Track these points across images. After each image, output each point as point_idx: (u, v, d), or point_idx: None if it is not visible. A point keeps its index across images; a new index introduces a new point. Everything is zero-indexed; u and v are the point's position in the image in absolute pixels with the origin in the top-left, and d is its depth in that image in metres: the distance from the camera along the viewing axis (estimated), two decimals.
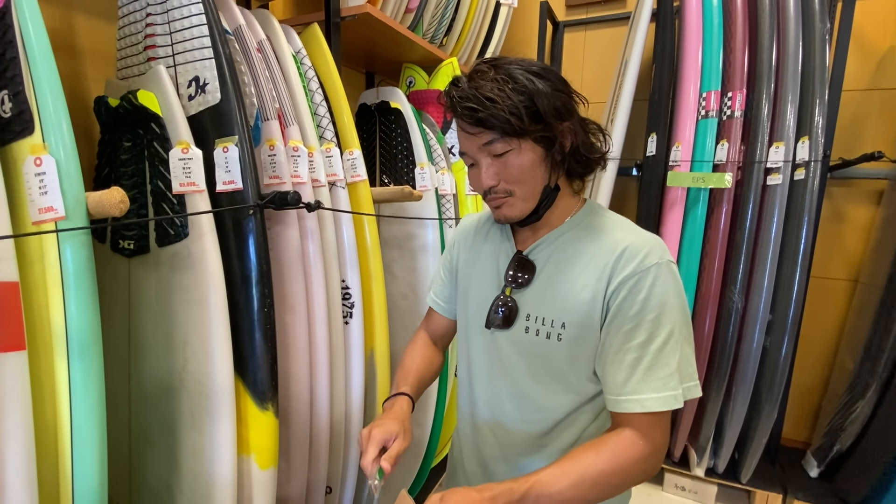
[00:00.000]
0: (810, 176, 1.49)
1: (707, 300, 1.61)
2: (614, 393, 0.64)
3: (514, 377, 0.73)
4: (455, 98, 0.63)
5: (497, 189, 0.67)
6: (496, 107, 0.60)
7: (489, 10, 1.87)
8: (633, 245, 0.64)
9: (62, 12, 0.98)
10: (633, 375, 0.62)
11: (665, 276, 0.63)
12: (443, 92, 0.66)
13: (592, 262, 0.66)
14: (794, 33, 1.49)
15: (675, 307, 0.63)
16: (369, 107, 1.54)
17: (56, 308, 0.61)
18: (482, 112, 0.60)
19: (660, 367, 0.61)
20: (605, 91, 2.09)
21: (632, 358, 0.62)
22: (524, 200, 0.67)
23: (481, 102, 0.60)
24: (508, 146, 0.63)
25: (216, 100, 0.84)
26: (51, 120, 0.60)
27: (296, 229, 0.98)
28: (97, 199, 0.62)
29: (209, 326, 0.82)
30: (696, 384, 0.64)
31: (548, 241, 0.71)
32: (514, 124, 0.60)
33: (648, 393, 0.61)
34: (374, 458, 0.65)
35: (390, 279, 1.51)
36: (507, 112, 0.59)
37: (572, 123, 0.65)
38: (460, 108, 0.62)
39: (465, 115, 0.63)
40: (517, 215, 0.68)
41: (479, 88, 0.61)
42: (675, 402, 0.61)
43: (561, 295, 0.68)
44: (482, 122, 0.61)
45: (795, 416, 1.99)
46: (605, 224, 0.70)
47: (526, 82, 0.60)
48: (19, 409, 0.56)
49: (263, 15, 1.09)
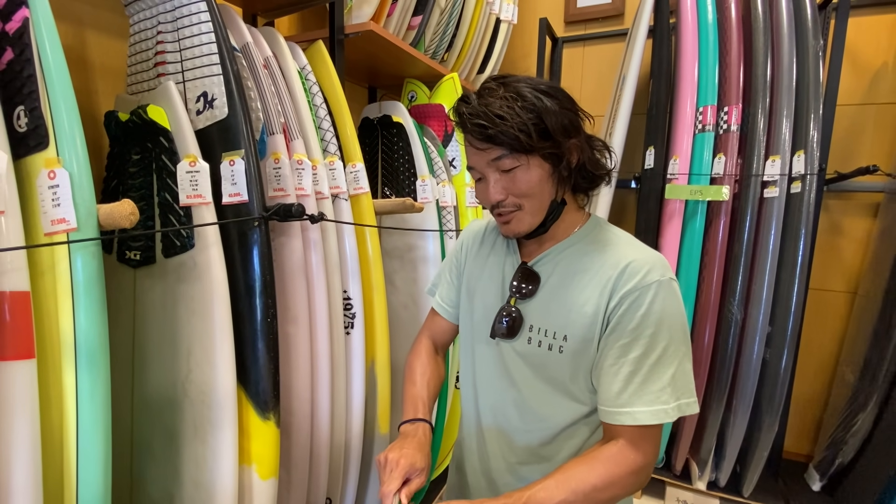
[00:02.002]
0: (806, 189, 1.51)
1: (706, 312, 1.61)
2: (608, 405, 0.65)
3: (518, 386, 0.73)
4: (465, 115, 0.64)
5: (506, 203, 0.68)
6: (505, 124, 0.61)
7: (489, 26, 1.91)
8: (636, 261, 0.65)
9: (75, 29, 1.01)
10: (627, 388, 0.63)
11: (665, 293, 0.64)
12: (452, 108, 0.68)
13: (596, 276, 0.67)
14: (787, 49, 1.53)
15: (673, 324, 0.63)
16: (372, 121, 1.57)
17: (65, 318, 0.62)
18: (492, 129, 0.62)
19: (653, 381, 0.62)
20: (603, 105, 2.13)
21: (627, 371, 0.63)
22: (532, 215, 0.68)
23: (491, 119, 0.61)
24: (517, 162, 0.64)
25: (223, 115, 0.87)
26: (65, 135, 0.62)
27: (299, 240, 1.00)
28: (108, 211, 0.63)
29: (213, 336, 0.83)
30: (694, 401, 0.64)
31: (553, 254, 0.73)
32: (522, 141, 0.61)
33: (640, 406, 0.62)
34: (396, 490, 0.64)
35: (392, 290, 1.52)
36: (516, 129, 0.61)
37: (579, 140, 0.67)
38: (470, 124, 0.64)
39: (474, 132, 0.64)
40: (525, 230, 0.69)
41: (488, 106, 0.62)
42: (666, 417, 0.61)
43: (564, 308, 0.69)
44: (491, 138, 0.63)
45: (797, 429, 1.98)
46: (610, 239, 0.71)
47: (534, 100, 0.62)
48: (27, 417, 0.57)
49: (270, 32, 1.12)
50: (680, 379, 0.63)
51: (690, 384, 0.64)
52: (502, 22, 1.97)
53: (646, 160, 1.71)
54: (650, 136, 1.72)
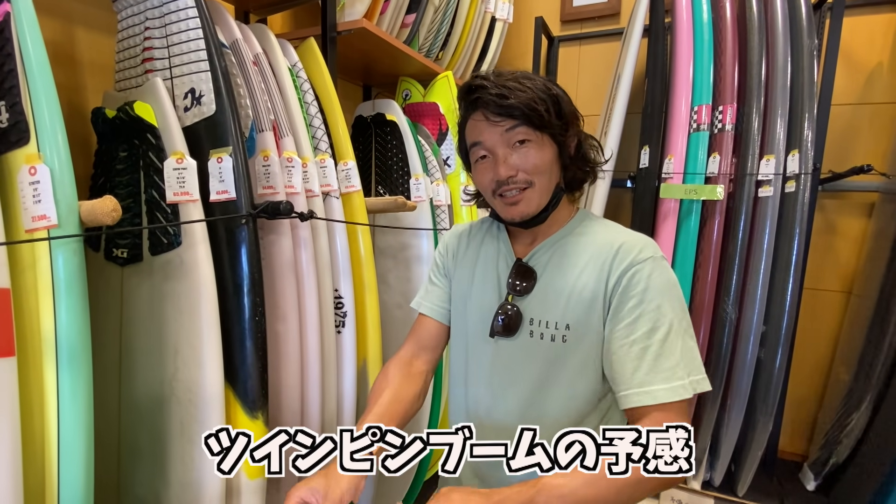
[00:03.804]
0: (801, 188, 1.50)
1: (701, 311, 1.61)
2: (624, 387, 0.63)
3: (518, 384, 0.73)
4: (483, 86, 0.66)
5: (516, 179, 0.68)
6: (526, 94, 0.63)
7: (485, 25, 1.91)
8: (627, 242, 0.67)
9: (63, 25, 1.01)
10: (641, 366, 0.62)
11: (661, 267, 0.65)
12: (464, 86, 0.69)
13: (591, 261, 0.68)
14: (782, 49, 1.52)
15: (674, 298, 0.64)
16: (365, 119, 1.56)
17: (46, 315, 0.61)
18: (512, 98, 0.63)
19: (665, 356, 0.61)
20: (599, 104, 2.12)
21: (637, 349, 0.62)
22: (540, 194, 0.69)
23: (512, 90, 0.64)
24: (531, 136, 0.66)
25: (211, 111, 0.86)
26: (46, 130, 0.61)
27: (288, 239, 0.99)
28: (90, 207, 0.63)
29: (200, 335, 0.82)
30: (704, 377, 0.63)
31: (546, 247, 0.74)
32: (541, 113, 0.64)
33: (658, 384, 0.61)
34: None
35: (385, 289, 1.51)
36: (536, 101, 0.64)
37: (577, 133, 0.71)
38: (488, 95, 0.65)
39: (491, 103, 0.65)
40: (533, 210, 0.70)
41: (507, 80, 0.65)
42: (685, 392, 0.60)
43: (563, 297, 0.69)
44: (510, 108, 0.64)
45: (792, 429, 1.98)
46: (599, 227, 0.74)
47: (548, 83, 0.66)
48: (7, 415, 0.57)
49: (260, 29, 1.11)
50: (688, 355, 0.62)
51: (698, 360, 0.64)
52: (497, 20, 1.96)
53: (641, 159, 1.70)
54: (645, 135, 1.71)
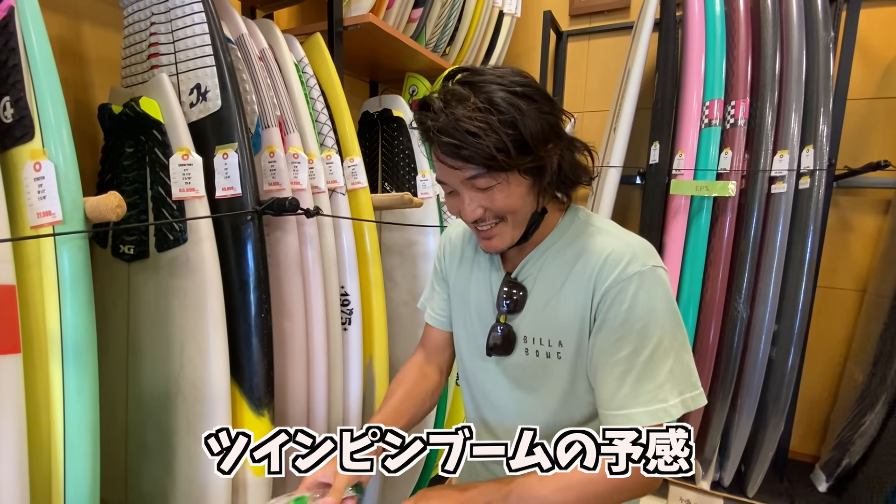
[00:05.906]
0: (815, 185, 1.47)
1: (711, 310, 1.58)
2: (604, 408, 0.62)
3: (517, 399, 0.72)
4: (431, 130, 0.57)
5: (485, 217, 0.63)
6: (480, 143, 0.54)
7: (492, 19, 1.89)
8: (615, 252, 0.62)
9: (70, 21, 1.01)
10: (621, 389, 0.60)
11: (649, 283, 0.60)
12: (413, 118, 0.61)
13: (578, 274, 0.65)
14: (797, 42, 1.49)
15: (662, 315, 0.60)
16: (372, 115, 1.55)
17: (52, 312, 0.61)
18: (466, 150, 0.55)
19: (648, 378, 0.59)
20: (608, 100, 2.09)
21: (619, 371, 0.60)
22: (514, 228, 0.64)
23: (463, 137, 0.54)
24: (494, 181, 0.59)
25: (217, 107, 0.85)
26: (51, 126, 0.61)
27: (294, 235, 0.98)
28: (94, 203, 0.62)
29: (206, 331, 0.82)
30: (700, 392, 0.61)
31: (534, 258, 0.70)
32: (500, 160, 0.55)
33: (636, 407, 0.59)
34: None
35: (391, 286, 1.51)
36: (492, 148, 0.54)
37: (559, 145, 0.62)
38: (438, 141, 0.57)
39: (444, 149, 0.57)
40: (507, 244, 0.66)
41: (458, 121, 0.54)
42: (667, 415, 0.58)
43: (553, 313, 0.67)
44: (465, 158, 0.56)
45: (803, 429, 1.95)
46: (589, 231, 0.68)
47: (510, 108, 0.55)
48: (13, 412, 0.57)
49: (266, 24, 1.11)
50: (679, 372, 0.60)
51: (692, 375, 0.61)
52: (505, 15, 1.94)
53: (651, 155, 1.68)
54: (655, 130, 1.69)
